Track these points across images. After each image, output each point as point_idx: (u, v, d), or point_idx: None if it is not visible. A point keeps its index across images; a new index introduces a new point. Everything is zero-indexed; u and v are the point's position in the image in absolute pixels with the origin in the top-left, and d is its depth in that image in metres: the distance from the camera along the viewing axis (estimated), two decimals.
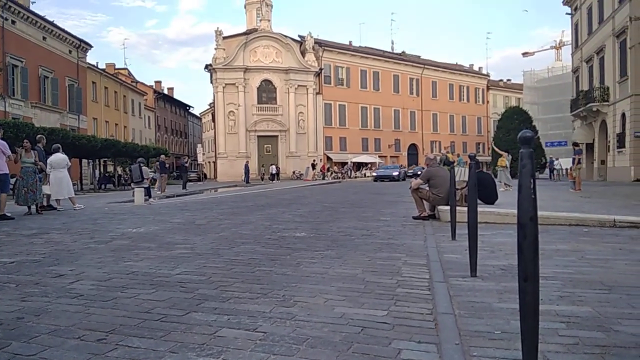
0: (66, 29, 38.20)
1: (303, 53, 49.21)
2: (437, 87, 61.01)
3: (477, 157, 4.67)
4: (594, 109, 28.38)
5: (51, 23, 35.18)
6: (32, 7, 34.40)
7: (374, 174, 38.73)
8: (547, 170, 34.81)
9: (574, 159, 16.77)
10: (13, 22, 30.51)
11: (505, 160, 17.37)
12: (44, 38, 34.31)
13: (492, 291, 3.40)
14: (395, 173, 36.07)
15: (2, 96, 27.03)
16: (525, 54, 63.04)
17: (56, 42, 35.99)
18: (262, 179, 42.43)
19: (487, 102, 66.35)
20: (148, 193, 15.25)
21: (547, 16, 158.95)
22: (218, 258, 4.81)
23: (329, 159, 50.78)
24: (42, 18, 34.06)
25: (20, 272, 4.24)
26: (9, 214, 9.43)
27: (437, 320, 2.75)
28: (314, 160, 46.03)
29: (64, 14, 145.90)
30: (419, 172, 42.82)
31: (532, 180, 1.93)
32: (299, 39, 50.92)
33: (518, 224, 1.93)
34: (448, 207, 6.71)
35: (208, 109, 70.10)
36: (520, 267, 1.92)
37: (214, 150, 51.88)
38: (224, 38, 47.33)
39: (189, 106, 79.90)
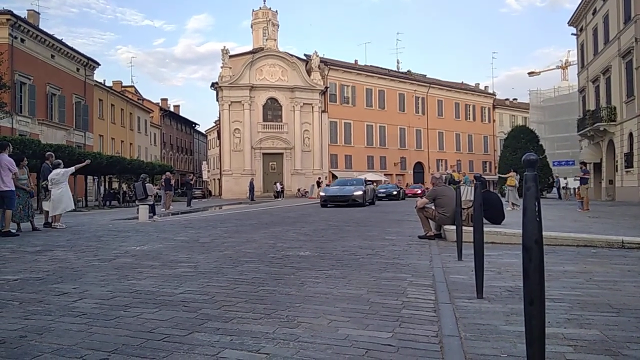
0: (75, 47, 38.84)
1: (309, 72, 49.61)
2: (443, 105, 61.21)
3: (483, 177, 4.65)
4: (601, 128, 28.34)
5: (60, 41, 35.72)
6: (42, 26, 35.01)
7: (322, 193, 24.11)
8: (555, 190, 34.67)
9: (581, 179, 16.70)
10: (22, 40, 31.00)
11: (514, 179, 17.32)
12: (53, 56, 34.80)
13: (499, 313, 3.35)
14: (358, 192, 21.81)
15: (10, 113, 27.34)
16: (531, 74, 63.41)
17: (64, 60, 36.49)
18: (275, 197, 41.94)
19: (494, 120, 66.42)
20: (152, 210, 15.27)
21: (553, 36, 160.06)
22: (221, 277, 4.79)
23: (334, 176, 50.77)
24: (51, 36, 34.61)
25: (23, 289, 4.24)
26: (13, 231, 9.47)
27: (443, 342, 2.71)
28: (319, 178, 46.04)
29: (73, 32, 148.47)
30: (395, 192, 34.42)
31: (536, 203, 1.92)
32: (304, 57, 51.38)
33: (523, 247, 1.91)
34: (454, 227, 6.67)
35: (213, 127, 70.57)
36: (526, 291, 1.90)
37: (219, 167, 52.08)
38: (231, 57, 47.85)
39: (195, 123, 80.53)
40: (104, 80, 48.44)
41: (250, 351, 2.60)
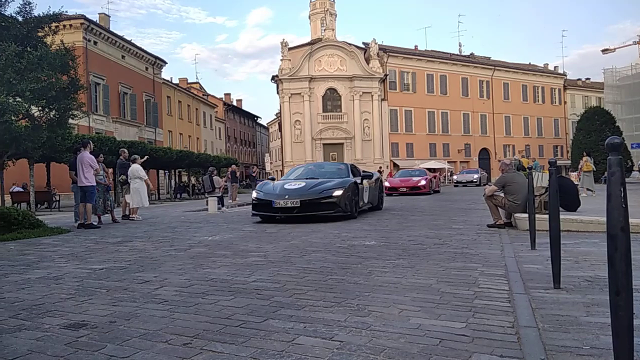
0: (143, 47, 40.69)
1: (367, 60, 49.18)
2: (509, 88, 58.78)
3: (557, 162, 4.45)
4: None
5: (129, 42, 37.51)
6: (112, 28, 36.89)
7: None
8: (634, 174, 32.54)
9: None
10: (95, 42, 32.85)
11: (590, 164, 16.38)
12: (123, 56, 36.62)
13: (579, 304, 3.22)
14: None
15: (87, 112, 29.13)
16: (605, 51, 59.25)
17: (134, 60, 38.29)
18: None
19: (565, 102, 63.00)
20: (221, 202, 15.80)
21: (628, 10, 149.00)
22: (291, 266, 4.90)
23: (395, 165, 50.23)
24: (121, 38, 36.40)
25: (109, 278, 4.54)
26: (95, 223, 10.13)
27: (520, 333, 2.65)
28: (380, 167, 45.65)
29: (141, 32, 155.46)
30: (339, 191, 25.08)
31: (622, 189, 1.83)
32: (363, 46, 50.97)
33: (608, 235, 1.83)
34: (526, 215, 6.44)
35: (275, 119, 71.74)
36: (612, 280, 1.82)
37: (280, 159, 52.88)
38: (290, 49, 48.30)
39: (257, 117, 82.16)
40: (171, 78, 50.52)
41: (324, 338, 2.66)
